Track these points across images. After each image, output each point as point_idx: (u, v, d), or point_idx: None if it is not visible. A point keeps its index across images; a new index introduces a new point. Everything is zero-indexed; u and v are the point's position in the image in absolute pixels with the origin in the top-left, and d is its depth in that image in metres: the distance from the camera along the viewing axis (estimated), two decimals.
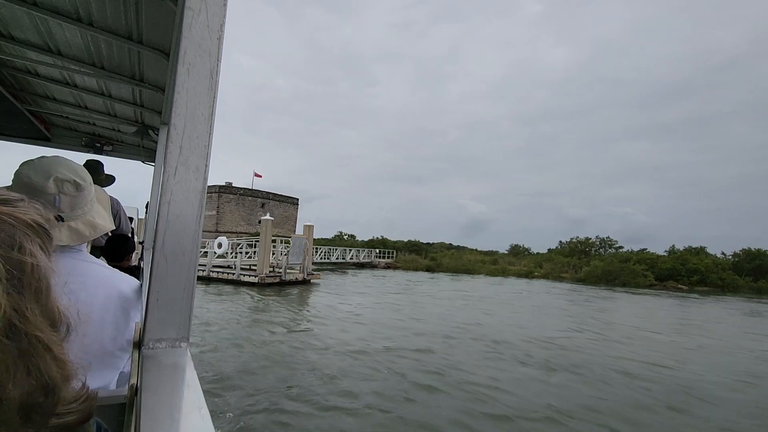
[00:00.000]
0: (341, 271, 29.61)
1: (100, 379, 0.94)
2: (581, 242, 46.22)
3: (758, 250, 34.56)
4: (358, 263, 35.59)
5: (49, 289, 0.35)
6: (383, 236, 50.03)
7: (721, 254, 37.77)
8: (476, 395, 5.39)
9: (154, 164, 3.60)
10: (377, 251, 40.10)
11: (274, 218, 57.37)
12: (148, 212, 3.61)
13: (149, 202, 3.65)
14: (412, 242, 48.32)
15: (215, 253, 19.82)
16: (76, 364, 0.36)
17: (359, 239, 53.04)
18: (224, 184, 49.04)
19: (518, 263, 40.77)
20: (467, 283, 25.89)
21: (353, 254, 34.89)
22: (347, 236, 56.15)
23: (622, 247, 43.63)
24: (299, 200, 57.35)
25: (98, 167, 3.06)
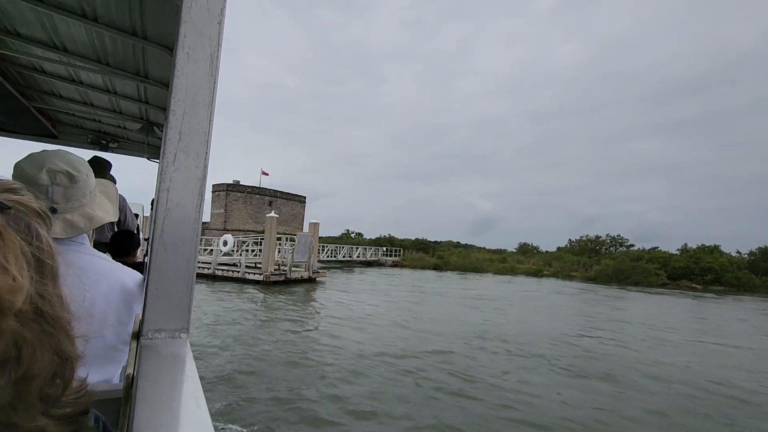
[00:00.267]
0: (348, 269, 29.56)
1: (102, 372, 0.94)
2: (591, 240, 45.57)
3: None
4: (364, 261, 35.54)
5: (59, 272, 0.37)
6: (390, 234, 49.94)
7: (736, 253, 36.93)
8: (508, 403, 5.07)
9: (158, 161, 3.65)
10: (384, 249, 40.02)
11: (281, 216, 57.53)
12: (153, 209, 3.71)
13: (154, 199, 3.73)
14: (419, 240, 48.12)
15: (221, 251, 19.83)
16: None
17: (366, 237, 53.01)
18: (232, 182, 49.32)
19: (527, 262, 40.33)
20: (476, 281, 25.64)
21: (360, 252, 34.82)
22: (354, 234, 56.16)
23: (633, 245, 42.97)
24: (306, 198, 57.57)
25: (106, 165, 3.14)
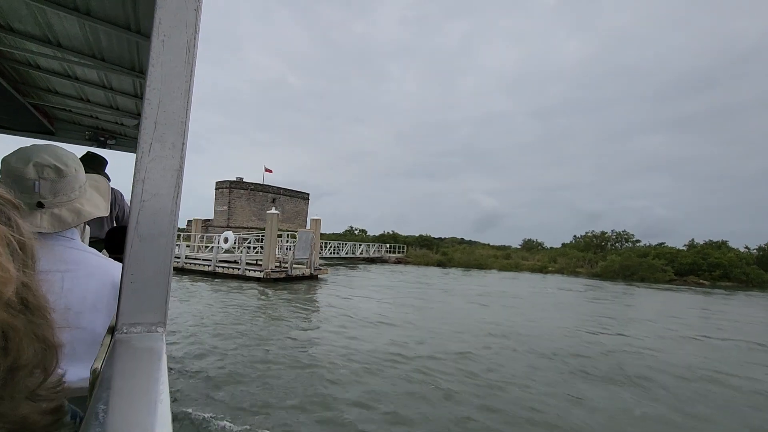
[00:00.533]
0: (351, 266, 29.49)
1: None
2: (596, 236, 45.14)
3: None
4: (368, 258, 35.47)
5: (37, 263, 0.37)
6: (394, 231, 49.80)
7: (744, 248, 36.36)
8: (538, 407, 4.73)
9: None
10: (388, 246, 39.90)
11: (284, 214, 57.29)
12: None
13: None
14: (423, 237, 47.92)
15: (221, 247, 19.76)
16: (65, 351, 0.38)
17: (370, 234, 52.90)
18: (235, 179, 49.33)
19: (531, 258, 40.01)
20: (481, 278, 25.47)
21: (363, 249, 34.69)
22: (358, 231, 56.08)
23: (639, 241, 42.49)
24: (310, 195, 57.50)
25: (101, 161, 3.16)
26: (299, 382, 5.21)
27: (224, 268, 17.81)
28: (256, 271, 16.93)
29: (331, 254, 29.78)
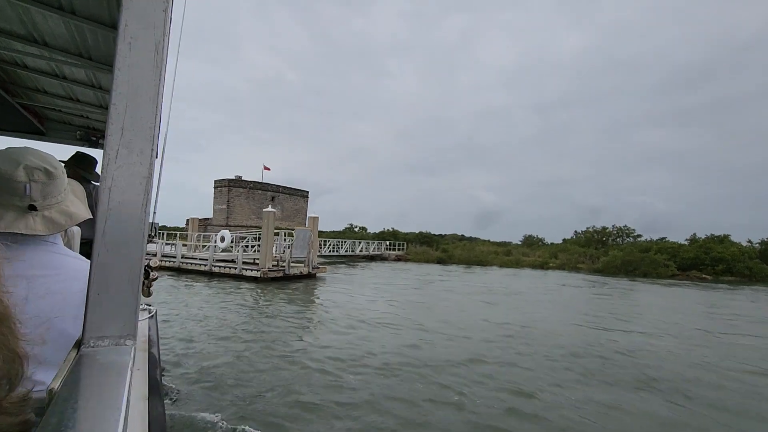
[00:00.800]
0: (350, 264, 29.35)
1: None
2: (598, 231, 44.95)
3: None
4: (367, 256, 35.33)
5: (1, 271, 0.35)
6: (394, 228, 49.58)
7: (747, 242, 36.10)
8: (577, 424, 4.39)
9: None
10: (387, 243, 39.73)
11: (284, 212, 56.93)
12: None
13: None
14: (423, 234, 47.75)
15: (217, 246, 19.57)
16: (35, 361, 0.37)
17: (370, 232, 52.70)
18: (234, 177, 49.14)
19: (532, 254, 39.87)
20: (482, 275, 25.36)
21: (363, 247, 34.52)
22: (358, 228, 55.90)
23: (640, 235, 42.31)
24: (309, 193, 57.31)
25: (91, 161, 3.12)
26: (291, 384, 5.10)
27: (221, 267, 17.64)
28: (253, 270, 16.76)
29: (330, 252, 29.62)
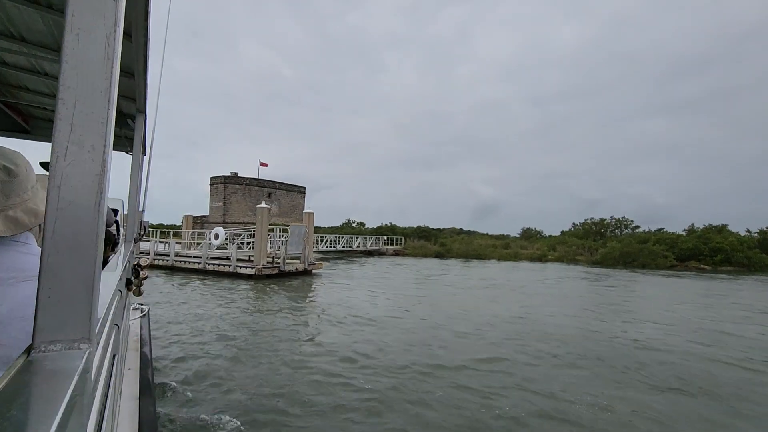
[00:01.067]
0: (348, 259, 29.08)
1: None
2: (596, 223, 44.79)
3: None
4: (365, 251, 35.06)
5: None
6: (392, 223, 49.32)
7: (746, 232, 35.99)
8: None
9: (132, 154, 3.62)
10: (385, 238, 39.49)
11: (281, 208, 56.49)
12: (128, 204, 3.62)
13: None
14: (421, 228, 47.49)
15: (211, 244, 19.28)
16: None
17: (369, 227, 52.43)
18: (230, 174, 48.74)
19: (531, 247, 39.64)
20: (481, 269, 25.04)
21: (360, 242, 34.26)
22: (356, 224, 55.62)
23: (638, 227, 42.14)
24: (306, 189, 56.99)
25: None
26: (289, 383, 4.78)
27: (215, 265, 17.36)
28: (247, 268, 16.48)
29: (327, 248, 29.35)
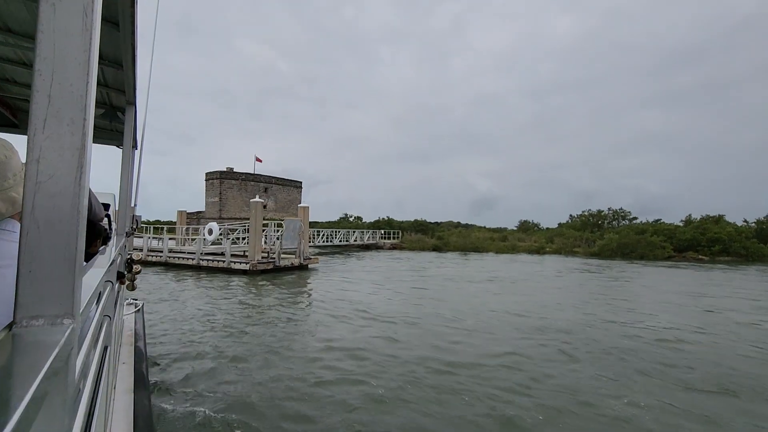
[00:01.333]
0: (345, 254, 28.88)
1: None
2: (593, 215, 44.75)
3: None
4: (362, 245, 34.85)
5: None
6: (389, 217, 49.07)
7: (743, 222, 35.99)
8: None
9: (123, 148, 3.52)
10: (382, 232, 39.28)
11: (277, 203, 56.01)
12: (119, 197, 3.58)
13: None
14: (418, 222, 47.30)
15: (205, 239, 19.02)
16: None
17: (366, 221, 52.19)
18: (225, 169, 48.32)
19: (528, 239, 39.57)
20: (479, 262, 24.93)
21: (357, 236, 34.04)
22: (353, 218, 55.37)
23: (636, 218, 42.13)
24: (303, 184, 56.60)
25: None
26: (286, 380, 4.59)
27: (209, 261, 17.13)
28: (242, 263, 16.25)
29: (324, 243, 29.13)
